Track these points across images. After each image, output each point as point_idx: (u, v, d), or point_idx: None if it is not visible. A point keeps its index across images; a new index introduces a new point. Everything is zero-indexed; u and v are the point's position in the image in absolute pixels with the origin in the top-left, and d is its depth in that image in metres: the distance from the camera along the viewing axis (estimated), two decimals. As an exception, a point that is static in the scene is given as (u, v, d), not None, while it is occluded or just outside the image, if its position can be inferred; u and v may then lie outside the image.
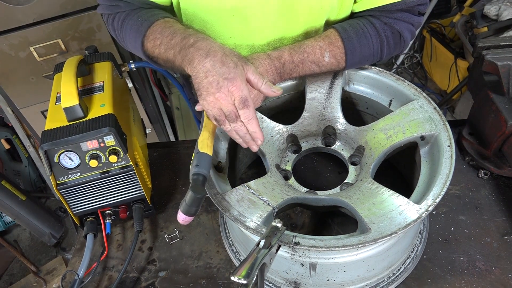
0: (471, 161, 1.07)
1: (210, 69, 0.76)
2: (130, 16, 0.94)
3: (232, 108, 0.77)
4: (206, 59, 0.76)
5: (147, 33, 0.90)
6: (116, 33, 0.99)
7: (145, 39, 0.90)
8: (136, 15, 0.94)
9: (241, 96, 0.76)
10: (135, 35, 0.92)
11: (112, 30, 1.00)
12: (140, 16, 0.93)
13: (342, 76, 0.98)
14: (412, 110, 0.90)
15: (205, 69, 0.76)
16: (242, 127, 0.80)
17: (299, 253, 0.76)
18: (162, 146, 1.27)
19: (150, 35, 0.89)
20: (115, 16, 0.97)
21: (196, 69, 0.77)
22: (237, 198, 0.81)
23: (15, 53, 1.87)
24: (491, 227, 0.95)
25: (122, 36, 0.97)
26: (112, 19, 0.98)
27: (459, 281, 0.86)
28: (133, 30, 0.92)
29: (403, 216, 0.74)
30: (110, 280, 0.96)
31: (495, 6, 2.26)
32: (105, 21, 1.02)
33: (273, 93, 0.81)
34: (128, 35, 0.94)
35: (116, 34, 1.00)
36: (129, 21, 0.94)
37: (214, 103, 0.77)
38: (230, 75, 0.75)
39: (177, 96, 2.66)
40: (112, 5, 0.97)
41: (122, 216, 0.98)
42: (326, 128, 0.99)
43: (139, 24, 0.91)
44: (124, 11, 0.96)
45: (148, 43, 0.90)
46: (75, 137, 0.83)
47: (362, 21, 0.94)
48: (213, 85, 0.75)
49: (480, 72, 1.02)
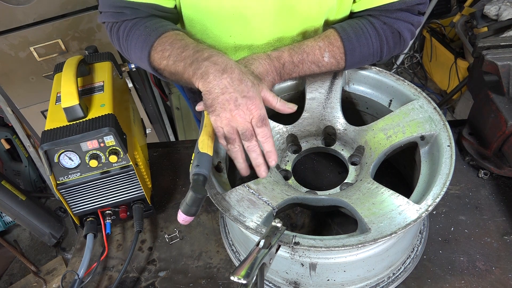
0: (471, 161, 1.07)
1: (228, 86, 0.75)
2: (137, 26, 0.91)
3: (248, 126, 0.77)
4: (223, 75, 0.76)
5: (155, 44, 0.87)
6: (121, 43, 0.96)
7: (152, 50, 0.88)
8: (143, 25, 0.91)
9: (260, 114, 0.76)
10: (142, 45, 0.89)
11: (116, 39, 0.97)
12: (147, 26, 0.90)
13: (342, 76, 0.98)
14: (412, 110, 0.90)
15: (222, 85, 0.75)
16: (256, 147, 0.80)
17: (299, 253, 0.76)
18: (162, 146, 1.27)
19: (159, 46, 0.87)
20: (121, 24, 0.94)
21: (211, 84, 0.76)
22: (237, 198, 0.81)
23: (15, 53, 1.87)
24: (491, 227, 0.95)
25: (126, 45, 0.94)
26: (117, 28, 0.95)
27: (459, 281, 0.86)
28: (140, 40, 0.89)
29: (403, 216, 0.74)
30: (110, 280, 0.96)
31: (495, 6, 2.26)
32: (109, 30, 0.98)
33: (289, 110, 0.84)
34: (134, 45, 0.91)
35: (120, 43, 0.96)
36: (135, 30, 0.91)
37: (229, 120, 0.77)
38: (249, 93, 0.76)
39: (177, 96, 2.66)
40: (117, 13, 0.93)
41: (122, 216, 0.98)
42: (326, 128, 0.99)
43: (147, 34, 0.89)
44: (131, 20, 0.93)
45: (155, 54, 0.87)
46: (75, 137, 0.83)
47: (361, 21, 0.94)
48: (230, 102, 0.75)
49: (480, 72, 1.02)
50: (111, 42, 1.00)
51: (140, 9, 0.93)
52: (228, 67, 0.77)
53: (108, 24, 0.98)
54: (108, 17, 0.96)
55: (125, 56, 0.98)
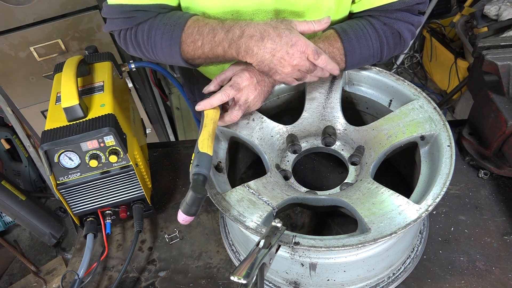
0: (471, 161, 1.07)
1: (274, 46, 0.81)
2: (155, 26, 0.91)
3: (308, 64, 0.84)
4: (263, 41, 0.81)
5: (183, 38, 0.88)
6: (142, 47, 0.94)
7: (182, 44, 0.88)
8: (161, 23, 0.90)
9: (311, 49, 0.82)
10: (169, 43, 0.89)
11: (135, 45, 0.95)
12: (166, 22, 0.90)
13: (342, 76, 0.98)
14: (412, 110, 0.90)
15: (269, 50, 0.81)
16: (320, 71, 0.88)
17: (299, 253, 0.76)
18: (162, 146, 1.27)
19: (187, 38, 0.88)
20: (136, 29, 0.93)
21: (259, 54, 0.82)
22: (237, 198, 0.81)
23: (15, 53, 1.87)
24: (491, 227, 0.95)
25: (149, 47, 0.93)
26: (134, 33, 0.94)
27: (459, 281, 0.86)
28: (165, 38, 0.89)
29: (403, 216, 0.74)
30: (110, 280, 0.96)
31: (495, 6, 2.26)
32: (122, 38, 0.97)
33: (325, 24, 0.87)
34: (160, 44, 0.91)
35: (142, 47, 0.94)
36: (156, 30, 0.90)
37: (292, 69, 0.84)
38: (292, 40, 0.81)
39: (177, 96, 2.66)
40: (128, 18, 0.92)
41: (122, 216, 0.98)
42: (326, 128, 0.99)
43: (170, 31, 0.88)
44: (145, 22, 0.92)
45: (186, 47, 0.88)
46: (75, 137, 0.83)
47: (361, 21, 0.94)
48: (285, 57, 0.82)
49: (480, 72, 1.02)
50: (125, 49, 0.99)
51: (150, 10, 0.92)
52: (263, 31, 0.81)
53: (120, 31, 0.96)
54: (118, 24, 0.94)
55: (149, 57, 0.97)
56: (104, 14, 0.97)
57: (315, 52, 0.83)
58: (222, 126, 0.92)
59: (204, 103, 0.86)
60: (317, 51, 0.83)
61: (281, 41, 0.81)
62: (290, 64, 0.83)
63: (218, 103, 0.86)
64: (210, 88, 0.91)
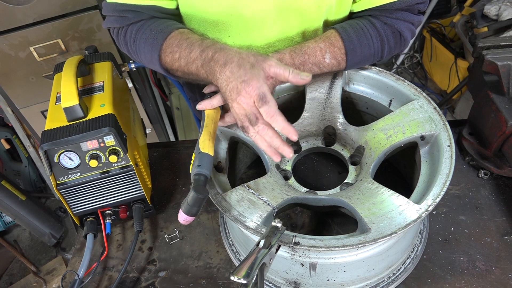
0: (471, 161, 1.07)
1: (230, 76, 0.77)
2: (143, 29, 0.91)
3: (253, 109, 0.76)
4: (225, 68, 0.78)
5: (163, 47, 0.88)
6: (129, 47, 0.96)
7: (162, 53, 0.88)
8: (148, 28, 0.91)
9: (258, 93, 0.74)
10: (151, 49, 0.89)
11: (123, 44, 0.97)
12: (153, 29, 0.90)
13: (342, 76, 0.98)
14: (412, 110, 0.90)
15: (226, 77, 0.77)
16: (265, 130, 0.78)
17: (299, 253, 0.76)
18: (162, 146, 1.27)
19: (167, 48, 0.88)
20: (127, 29, 0.94)
21: (219, 80, 0.79)
22: (237, 198, 0.81)
23: (15, 53, 1.87)
24: (491, 227, 0.95)
25: (135, 49, 0.94)
26: (124, 33, 0.95)
27: (459, 281, 0.86)
28: (148, 44, 0.90)
29: (403, 216, 0.74)
30: (110, 280, 0.96)
31: (495, 6, 2.26)
32: (115, 36, 0.98)
33: (302, 81, 0.79)
34: (143, 49, 0.92)
35: (129, 48, 0.96)
36: (142, 34, 0.91)
37: (238, 108, 0.77)
38: (246, 76, 0.75)
39: (177, 96, 2.66)
40: (121, 17, 0.94)
41: (122, 216, 0.98)
42: (326, 128, 0.99)
43: (154, 38, 0.89)
44: (136, 23, 0.93)
45: (165, 56, 0.88)
46: (75, 137, 0.83)
47: (362, 21, 0.94)
48: (233, 90, 0.76)
49: (480, 72, 1.02)
50: (119, 46, 1.01)
51: (142, 11, 0.93)
52: (228, 58, 0.78)
53: (114, 29, 0.98)
54: (113, 22, 0.96)
55: (135, 59, 0.99)
56: (102, 11, 0.99)
57: (261, 97, 0.74)
58: (223, 126, 0.92)
59: (205, 103, 0.86)
60: (264, 99, 0.74)
61: (237, 73, 0.76)
62: (236, 101, 0.76)
63: (218, 104, 0.86)
64: (211, 88, 0.91)
